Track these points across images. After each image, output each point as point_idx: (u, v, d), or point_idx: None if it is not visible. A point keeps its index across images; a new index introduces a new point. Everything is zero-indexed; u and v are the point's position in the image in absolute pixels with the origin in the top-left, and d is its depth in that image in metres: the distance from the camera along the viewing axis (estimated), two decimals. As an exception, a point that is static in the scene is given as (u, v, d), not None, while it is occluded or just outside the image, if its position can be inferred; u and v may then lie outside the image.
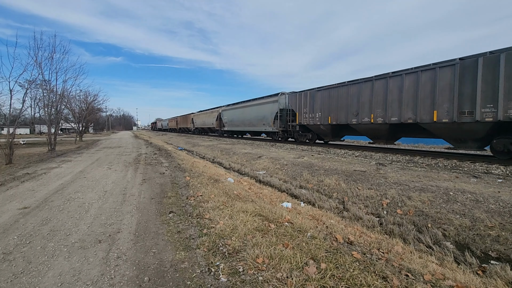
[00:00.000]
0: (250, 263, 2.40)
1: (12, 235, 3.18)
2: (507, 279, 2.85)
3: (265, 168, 9.63)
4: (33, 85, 13.00)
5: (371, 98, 10.34)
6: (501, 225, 3.86)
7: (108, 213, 3.98)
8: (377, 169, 7.29)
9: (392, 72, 9.73)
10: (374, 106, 10.22)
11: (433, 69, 8.28)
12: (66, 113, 26.29)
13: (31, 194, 5.10)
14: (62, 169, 8.20)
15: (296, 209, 4.74)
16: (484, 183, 5.56)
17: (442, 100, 8.01)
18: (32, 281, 2.23)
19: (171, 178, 6.67)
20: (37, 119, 46.07)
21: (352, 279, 2.17)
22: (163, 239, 3.05)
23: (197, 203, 4.41)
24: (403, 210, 4.91)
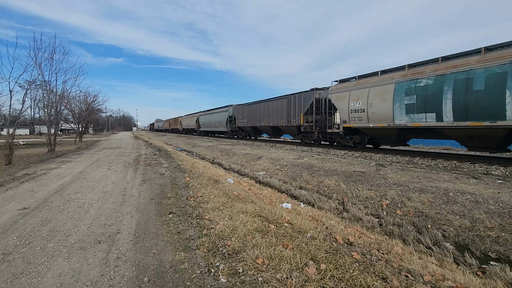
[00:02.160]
0: (250, 264, 2.39)
1: (12, 235, 3.17)
2: (506, 280, 2.85)
3: (265, 169, 9.64)
4: (33, 86, 13.00)
5: (264, 112, 19.60)
6: (500, 226, 3.86)
7: (108, 213, 3.98)
8: (377, 170, 7.29)
9: (271, 98, 19.23)
10: (265, 116, 19.41)
11: (281, 99, 17.54)
12: (65, 114, 26.29)
13: (30, 195, 5.09)
14: (62, 169, 8.20)
15: (296, 210, 4.74)
16: (484, 184, 5.56)
17: (283, 114, 17.21)
18: (31, 282, 2.23)
19: (171, 179, 6.67)
20: (37, 120, 46.04)
21: (352, 279, 2.17)
22: (163, 240, 3.05)
23: (197, 204, 4.41)
24: (403, 211, 4.91)
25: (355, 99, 11.36)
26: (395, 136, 10.44)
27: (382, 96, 10.18)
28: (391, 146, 11.50)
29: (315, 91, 14.54)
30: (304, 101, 15.03)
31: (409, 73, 9.45)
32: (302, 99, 15.19)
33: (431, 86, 8.62)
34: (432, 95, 8.57)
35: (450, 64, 8.26)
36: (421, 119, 8.94)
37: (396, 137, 10.52)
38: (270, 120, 18.64)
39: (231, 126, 25.25)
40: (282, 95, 17.69)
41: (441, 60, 8.72)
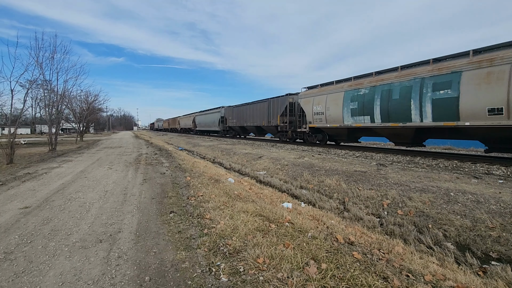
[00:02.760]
0: (251, 263, 2.40)
1: (13, 234, 3.18)
2: (507, 280, 2.85)
3: (266, 169, 9.64)
4: (34, 85, 13.03)
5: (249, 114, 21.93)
6: (502, 226, 3.86)
7: (109, 212, 3.99)
8: (378, 170, 7.28)
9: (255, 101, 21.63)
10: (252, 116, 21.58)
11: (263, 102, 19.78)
12: (67, 113, 26.36)
13: (32, 194, 5.11)
14: (63, 169, 8.22)
15: (296, 209, 4.74)
16: (485, 183, 5.55)
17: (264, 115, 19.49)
18: (33, 281, 2.24)
19: (172, 178, 6.68)
20: (38, 119, 46.14)
21: (353, 279, 2.18)
22: (164, 239, 3.05)
23: (198, 203, 4.42)
24: (404, 211, 4.91)
25: (317, 103, 13.64)
26: (346, 134, 12.84)
27: (336, 102, 12.48)
28: (345, 142, 14.27)
29: (289, 96, 16.94)
30: (280, 104, 17.42)
31: (353, 83, 11.78)
32: (279, 103, 17.60)
33: (367, 95, 10.90)
34: (368, 102, 10.83)
35: (379, 78, 10.58)
36: (361, 120, 11.25)
37: (346, 135, 12.92)
38: (255, 120, 21.13)
39: (223, 126, 28.02)
40: (263, 99, 20.07)
41: (374, 74, 11.14)
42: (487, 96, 7.34)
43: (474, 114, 7.65)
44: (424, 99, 8.82)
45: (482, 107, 7.46)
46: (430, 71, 8.83)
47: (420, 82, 9.00)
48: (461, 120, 7.94)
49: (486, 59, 7.52)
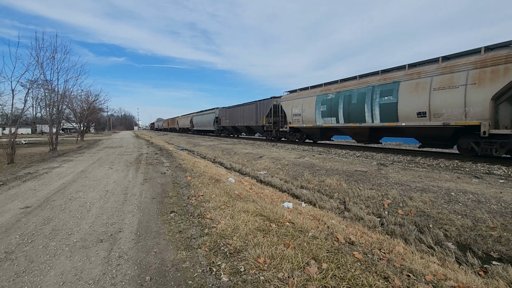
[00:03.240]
0: (252, 263, 2.40)
1: (14, 234, 3.19)
2: (509, 280, 2.85)
3: (266, 168, 9.64)
4: (35, 85, 13.03)
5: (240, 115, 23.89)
6: (503, 226, 3.85)
7: (110, 212, 3.99)
8: (378, 169, 7.28)
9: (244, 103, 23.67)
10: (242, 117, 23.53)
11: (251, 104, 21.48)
12: (67, 113, 26.37)
13: (32, 194, 5.11)
14: (64, 168, 8.23)
15: (297, 209, 4.74)
16: (486, 183, 5.54)
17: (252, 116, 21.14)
18: (34, 280, 2.24)
19: (172, 178, 6.68)
20: (39, 119, 46.22)
21: (354, 279, 2.17)
22: (165, 239, 3.05)
23: (198, 203, 4.42)
24: (405, 211, 4.90)
25: (295, 106, 15.52)
26: (319, 133, 14.89)
27: (310, 105, 14.30)
28: (319, 140, 16.34)
29: (273, 99, 18.94)
30: (266, 106, 19.44)
31: (324, 89, 13.67)
32: (265, 105, 19.61)
33: (333, 99, 12.79)
34: (334, 105, 12.72)
35: (343, 85, 12.52)
36: (329, 121, 13.18)
37: (319, 134, 14.99)
38: (245, 121, 23.10)
39: (217, 125, 30.10)
40: (252, 101, 22.12)
41: (339, 82, 13.04)
42: (416, 102, 9.15)
43: (408, 117, 9.47)
44: (374, 103, 10.64)
45: (412, 110, 9.25)
46: (379, 80, 10.58)
47: (372, 89, 10.78)
48: (399, 121, 9.77)
49: (416, 72, 9.32)
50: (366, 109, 10.93)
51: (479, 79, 7.66)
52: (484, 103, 7.55)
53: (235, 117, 25.22)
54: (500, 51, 7.57)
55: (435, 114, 8.69)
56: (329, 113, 13.03)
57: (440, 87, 8.55)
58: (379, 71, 11.06)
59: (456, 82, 8.17)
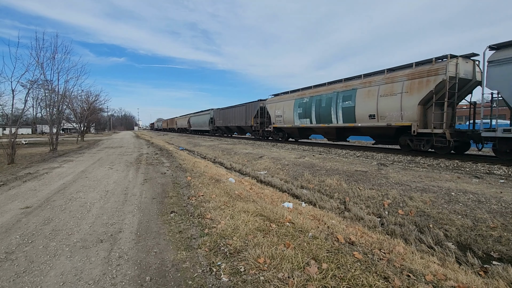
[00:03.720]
0: (252, 263, 2.40)
1: (15, 234, 3.19)
2: (509, 280, 2.84)
3: (266, 168, 9.63)
4: (35, 85, 13.04)
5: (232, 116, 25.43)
6: (503, 226, 3.85)
7: (110, 212, 3.99)
8: (379, 169, 7.27)
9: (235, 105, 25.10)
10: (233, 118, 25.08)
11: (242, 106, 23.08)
12: (67, 113, 26.39)
13: (33, 194, 5.12)
14: (64, 169, 8.24)
15: (297, 209, 4.74)
16: (486, 183, 5.54)
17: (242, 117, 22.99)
18: (34, 280, 2.24)
19: (173, 178, 6.69)
20: (39, 119, 46.25)
21: (354, 279, 2.17)
22: (165, 239, 3.05)
23: (199, 203, 4.42)
24: (405, 211, 4.90)
25: (278, 108, 17.51)
26: (297, 132, 16.93)
27: (289, 107, 16.20)
28: (299, 139, 18.56)
29: (260, 101, 20.90)
30: (254, 108, 21.37)
31: (300, 94, 15.64)
32: (253, 107, 21.55)
33: (308, 103, 14.62)
34: (308, 108, 14.52)
35: (315, 90, 14.40)
36: (305, 122, 15.03)
37: (298, 133, 17.06)
38: (236, 121, 24.80)
39: (212, 126, 31.79)
40: (242, 103, 23.93)
41: (313, 87, 14.94)
42: (368, 106, 11.01)
43: (362, 118, 11.36)
44: (338, 107, 12.54)
45: (366, 113, 11.14)
46: (342, 87, 12.49)
47: (336, 95, 12.67)
48: (357, 122, 11.67)
49: (368, 81, 11.20)
50: (332, 112, 12.87)
51: (410, 88, 9.50)
52: (413, 108, 9.36)
53: (227, 118, 27.00)
54: (425, 66, 9.33)
55: (381, 117, 10.56)
56: (304, 115, 14.92)
57: (385, 94, 10.41)
58: (343, 79, 12.92)
59: (395, 90, 10.02)
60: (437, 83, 8.67)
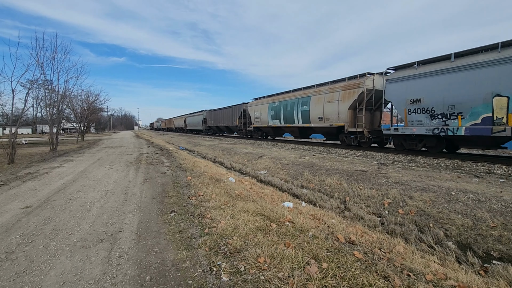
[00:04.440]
0: (252, 263, 2.40)
1: (15, 234, 3.19)
2: (509, 279, 2.84)
3: (266, 168, 9.63)
4: (35, 85, 13.04)
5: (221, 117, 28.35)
6: (503, 225, 3.85)
7: (110, 212, 3.99)
8: (379, 169, 7.27)
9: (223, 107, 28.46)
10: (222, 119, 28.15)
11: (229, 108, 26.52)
12: (67, 113, 26.39)
13: (33, 194, 5.12)
14: (64, 168, 8.24)
15: (297, 208, 4.74)
16: (486, 183, 5.54)
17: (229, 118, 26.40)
18: (34, 280, 2.24)
19: (173, 177, 6.69)
20: (39, 119, 46.25)
21: (354, 278, 2.17)
22: (165, 239, 3.05)
23: (199, 202, 4.42)
24: (405, 210, 4.90)
25: (256, 111, 20.77)
26: (272, 131, 20.29)
27: (264, 110, 19.42)
28: (274, 137, 21.35)
29: (243, 104, 23.69)
30: (238, 110, 24.37)
31: (273, 99, 18.83)
32: (237, 109, 24.54)
33: (278, 106, 17.71)
34: (278, 111, 17.64)
35: (283, 96, 17.62)
36: (276, 122, 18.14)
37: (273, 132, 20.44)
38: (225, 121, 27.80)
39: (205, 126, 34.72)
40: (229, 106, 26.97)
41: (282, 93, 18.28)
42: (318, 110, 14.05)
43: (314, 120, 14.38)
44: (298, 110, 15.49)
45: (316, 116, 14.18)
46: (301, 95, 15.53)
47: (298, 100, 15.66)
48: (311, 123, 14.65)
49: (318, 90, 14.27)
50: (295, 114, 15.86)
51: (343, 97, 12.53)
52: (345, 112, 12.36)
53: (217, 118, 30.10)
54: (353, 80, 12.38)
55: (326, 118, 13.57)
56: (275, 116, 17.99)
57: (328, 101, 13.41)
58: (302, 88, 16.17)
59: (334, 98, 13.04)
60: (359, 94, 11.63)
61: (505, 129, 7.06)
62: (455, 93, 8.24)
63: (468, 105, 7.96)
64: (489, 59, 7.51)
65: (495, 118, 7.41)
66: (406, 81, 9.69)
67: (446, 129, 8.47)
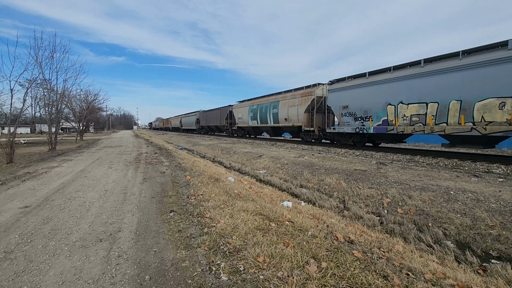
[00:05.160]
0: (251, 262, 2.40)
1: (14, 234, 3.18)
2: (507, 278, 2.85)
3: (266, 167, 9.64)
4: (34, 85, 13.03)
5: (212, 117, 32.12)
6: (502, 224, 3.86)
7: (109, 212, 3.99)
8: (378, 168, 7.28)
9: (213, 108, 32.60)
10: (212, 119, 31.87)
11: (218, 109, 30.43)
12: (66, 112, 26.32)
13: (32, 193, 5.11)
14: (63, 168, 8.22)
15: (296, 208, 4.74)
16: (485, 182, 5.55)
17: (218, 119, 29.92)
18: (33, 280, 2.24)
19: (172, 177, 6.68)
20: (38, 119, 46.12)
21: (353, 278, 2.18)
22: (164, 238, 3.05)
23: (198, 202, 4.42)
24: (404, 209, 4.91)
25: (239, 112, 24.07)
26: (252, 130, 23.73)
27: (246, 112, 22.71)
28: (254, 136, 24.53)
29: (229, 106, 27.13)
30: (225, 112, 27.84)
31: (252, 102, 22.23)
32: (225, 111, 28.03)
33: (255, 109, 21.17)
34: (255, 112, 21.05)
35: (259, 100, 21.12)
36: (254, 123, 21.45)
37: (252, 131, 23.83)
38: (215, 122, 30.97)
39: (198, 125, 37.74)
40: (218, 107, 30.48)
41: (259, 98, 21.71)
42: (284, 113, 17.22)
43: (282, 121, 17.60)
44: (270, 112, 18.92)
45: (283, 117, 17.40)
46: (273, 99, 18.97)
47: (270, 104, 19.09)
48: (280, 123, 18.05)
49: (284, 96, 17.68)
50: (268, 116, 19.26)
51: (301, 103, 15.69)
52: (303, 115, 15.41)
53: (208, 119, 33.32)
54: (308, 89, 15.71)
55: (290, 120, 16.69)
56: (254, 117, 21.32)
57: (291, 105, 16.55)
58: (274, 93, 20.05)
59: (295, 103, 16.17)
60: (311, 100, 14.91)
61: (394, 128, 10.07)
62: (367, 102, 11.33)
63: (374, 111, 10.96)
64: (384, 78, 10.59)
65: (389, 120, 10.34)
66: (340, 91, 12.81)
67: (363, 128, 11.50)
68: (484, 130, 7.60)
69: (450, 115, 8.40)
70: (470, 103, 7.94)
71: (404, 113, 9.69)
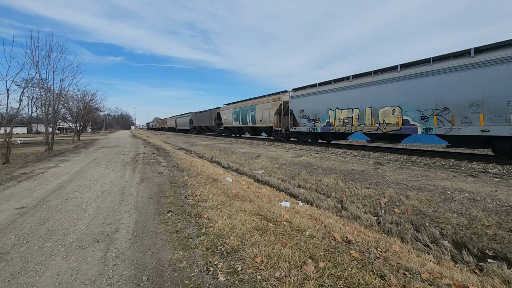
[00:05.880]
0: (249, 262, 2.40)
1: (10, 234, 3.16)
2: (503, 278, 2.88)
3: (264, 168, 9.64)
4: (30, 84, 12.89)
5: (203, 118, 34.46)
6: (498, 224, 3.89)
7: (106, 212, 3.97)
8: (375, 168, 7.31)
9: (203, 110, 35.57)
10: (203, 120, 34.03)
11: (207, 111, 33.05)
12: (63, 112, 26.15)
13: (28, 194, 5.07)
14: (60, 168, 8.17)
15: (294, 208, 4.75)
16: (481, 182, 5.59)
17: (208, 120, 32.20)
18: (29, 281, 2.22)
19: (170, 177, 6.66)
20: (34, 119, 45.76)
21: (351, 277, 2.18)
22: (162, 239, 3.04)
23: (196, 202, 4.41)
24: (401, 209, 4.93)
25: (226, 114, 26.37)
26: (236, 130, 26.25)
27: (230, 114, 25.04)
28: (238, 135, 26.82)
29: (217, 108, 29.37)
30: (214, 113, 29.94)
31: (236, 105, 24.48)
32: (213, 112, 30.22)
33: (238, 111, 23.32)
34: (238, 114, 23.24)
35: (241, 104, 23.41)
36: (237, 123, 23.65)
37: (237, 131, 26.35)
38: (205, 122, 33.20)
39: (191, 126, 39.86)
40: (208, 109, 32.85)
41: (241, 101, 24.04)
42: (260, 115, 19.55)
43: (258, 122, 19.85)
44: (249, 114, 21.07)
45: (259, 119, 19.65)
46: (252, 103, 21.11)
47: (249, 107, 21.19)
48: (257, 124, 20.19)
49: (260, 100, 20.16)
50: (248, 117, 21.40)
51: (272, 106, 18.09)
52: (273, 117, 17.81)
53: (200, 119, 35.77)
54: (278, 95, 18.07)
55: (264, 121, 19.13)
56: (237, 118, 23.55)
57: (264, 108, 19.04)
58: (253, 98, 22.18)
59: (268, 107, 18.68)
60: (279, 104, 17.25)
61: (333, 128, 12.75)
62: (316, 107, 13.92)
63: (321, 114, 13.63)
64: (327, 89, 13.28)
65: (330, 122, 12.98)
66: (299, 98, 15.50)
67: (314, 128, 14.15)
68: (384, 129, 10.25)
69: (366, 118, 10.98)
70: (376, 110, 10.57)
71: (340, 116, 12.43)
